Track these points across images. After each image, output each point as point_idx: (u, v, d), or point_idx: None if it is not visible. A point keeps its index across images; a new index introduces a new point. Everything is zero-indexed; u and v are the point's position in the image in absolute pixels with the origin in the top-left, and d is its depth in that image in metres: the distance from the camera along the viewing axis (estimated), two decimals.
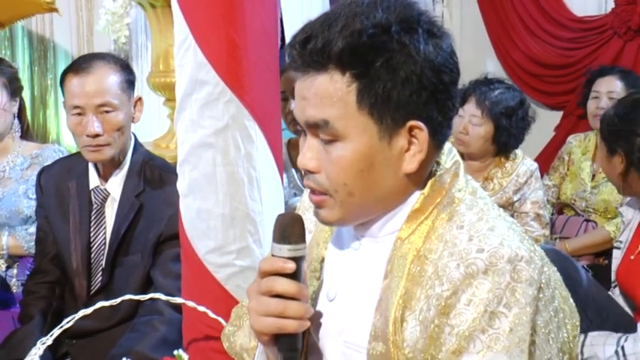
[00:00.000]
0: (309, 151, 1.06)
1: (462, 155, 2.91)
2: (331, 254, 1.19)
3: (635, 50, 4.03)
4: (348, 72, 1.00)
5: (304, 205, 1.29)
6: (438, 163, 1.10)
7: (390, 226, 1.09)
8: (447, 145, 1.12)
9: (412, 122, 1.02)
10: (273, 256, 1.06)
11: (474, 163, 2.89)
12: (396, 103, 1.01)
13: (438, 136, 1.06)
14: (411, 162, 1.04)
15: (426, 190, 1.07)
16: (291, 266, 1.03)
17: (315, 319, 1.15)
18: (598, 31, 4.16)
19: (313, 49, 1.01)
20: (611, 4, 4.12)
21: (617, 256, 2.21)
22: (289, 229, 1.05)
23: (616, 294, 2.17)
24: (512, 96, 2.79)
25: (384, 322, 1.04)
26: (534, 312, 0.97)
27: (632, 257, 2.03)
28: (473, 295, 0.97)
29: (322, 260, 1.19)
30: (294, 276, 1.04)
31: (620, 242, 2.21)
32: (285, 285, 1.03)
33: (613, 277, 2.22)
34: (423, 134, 1.02)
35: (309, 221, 1.19)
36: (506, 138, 2.78)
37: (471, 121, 2.77)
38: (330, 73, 1.01)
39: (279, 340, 1.06)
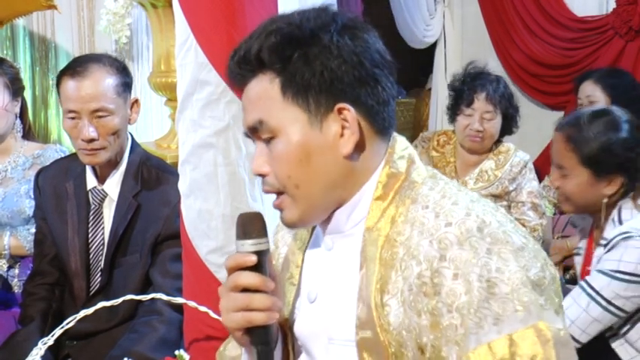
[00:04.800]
0: (259, 157, 1.12)
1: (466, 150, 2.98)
2: (308, 259, 1.22)
3: (636, 50, 4.04)
4: (269, 70, 1.07)
5: (279, 224, 1.31)
6: (390, 152, 1.13)
7: (355, 217, 1.12)
8: (402, 139, 1.16)
9: (339, 105, 1.07)
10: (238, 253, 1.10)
11: (471, 156, 3.01)
12: (318, 89, 1.06)
13: (377, 121, 1.10)
14: (345, 145, 1.08)
15: (383, 177, 1.11)
16: (252, 259, 1.07)
17: (299, 322, 1.19)
18: (599, 31, 4.16)
19: (239, 60, 1.10)
20: (612, 4, 4.12)
21: (578, 261, 2.21)
22: (250, 225, 1.10)
23: None
24: (505, 84, 2.98)
25: (367, 310, 1.06)
26: (526, 267, 0.99)
27: (589, 268, 2.03)
28: (456, 268, 0.98)
29: (298, 266, 1.22)
30: (258, 269, 1.07)
31: (580, 248, 2.22)
32: (248, 278, 1.07)
33: (579, 280, 2.23)
34: (350, 114, 1.07)
35: (288, 236, 1.27)
36: (509, 124, 2.95)
37: (484, 117, 2.89)
38: (258, 77, 1.09)
39: (251, 335, 1.09)
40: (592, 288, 1.89)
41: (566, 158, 2.01)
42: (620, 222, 1.97)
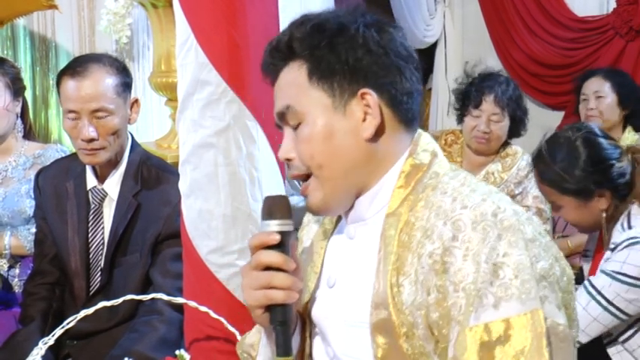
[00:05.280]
0: (287, 143, 1.18)
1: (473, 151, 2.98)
2: (330, 248, 1.25)
3: (637, 50, 4.04)
4: (299, 58, 1.14)
5: (309, 216, 1.35)
6: (414, 146, 1.17)
7: (377, 204, 1.15)
8: (427, 135, 1.20)
9: (362, 90, 1.12)
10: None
11: (478, 158, 2.99)
12: (342, 74, 1.12)
13: (401, 110, 1.14)
14: (367, 128, 1.12)
15: (406, 167, 1.15)
16: (276, 237, 1.10)
17: (316, 306, 1.22)
18: (599, 31, 4.16)
19: (272, 50, 1.18)
20: (613, 4, 4.12)
21: (586, 264, 2.22)
22: (275, 206, 1.13)
23: None
24: (514, 86, 2.95)
25: (383, 290, 1.09)
26: (535, 257, 1.02)
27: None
28: (466, 249, 1.01)
29: (320, 255, 1.25)
30: (281, 248, 1.10)
31: (588, 251, 2.23)
32: (270, 256, 1.10)
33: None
34: (372, 99, 1.12)
35: (312, 230, 1.31)
36: (517, 127, 2.93)
37: (491, 119, 2.87)
38: (289, 65, 1.16)
39: (271, 313, 1.11)
40: (593, 287, 1.89)
41: (548, 194, 2.09)
42: (630, 227, 1.98)
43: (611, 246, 1.97)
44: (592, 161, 1.97)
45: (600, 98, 3.19)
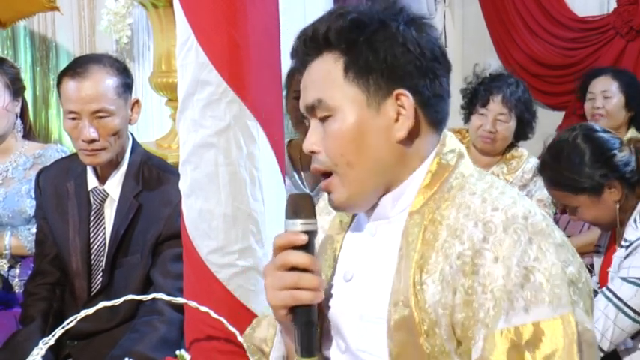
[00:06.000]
0: (312, 135, 1.15)
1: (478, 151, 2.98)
2: (347, 243, 1.24)
3: (637, 50, 4.04)
4: (335, 50, 1.12)
5: (319, 207, 1.33)
6: (441, 146, 1.16)
7: (401, 204, 1.14)
8: (452, 136, 1.19)
9: (397, 90, 1.10)
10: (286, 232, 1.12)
11: (484, 158, 2.98)
12: (380, 72, 1.10)
13: (431, 112, 1.13)
14: (400, 129, 1.11)
15: (434, 167, 1.13)
16: (303, 237, 1.09)
17: (332, 300, 1.20)
18: (600, 31, 4.16)
19: (306, 39, 1.15)
20: (613, 4, 4.12)
21: (597, 260, 2.25)
22: (300, 205, 1.12)
23: None
24: (524, 88, 2.96)
25: (404, 288, 1.08)
26: (565, 262, 1.01)
27: (609, 269, 2.05)
28: (497, 252, 1.00)
29: (336, 250, 1.24)
30: (307, 249, 1.10)
31: (599, 247, 2.26)
32: (298, 257, 1.09)
33: (595, 279, 2.24)
34: (408, 100, 1.10)
35: (324, 221, 1.27)
36: (524, 130, 2.94)
37: (498, 119, 2.87)
38: (323, 56, 1.13)
39: (296, 313, 1.11)
40: (619, 299, 1.90)
41: (561, 198, 2.13)
42: None
43: (624, 243, 1.98)
44: (596, 155, 2.01)
45: (607, 98, 3.19)
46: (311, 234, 1.11)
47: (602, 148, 2.03)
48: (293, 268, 1.09)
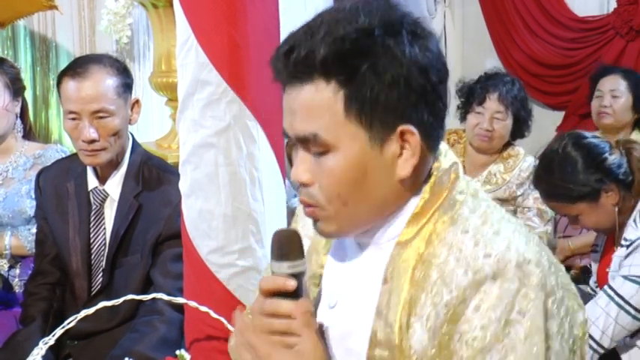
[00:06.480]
0: (302, 164, 1.04)
1: (474, 149, 2.98)
2: (332, 262, 1.17)
3: (637, 51, 4.03)
4: (333, 80, 0.99)
5: (297, 211, 1.28)
6: (437, 166, 1.08)
7: (392, 232, 1.08)
8: (444, 146, 1.10)
9: (403, 127, 1.00)
10: (273, 273, 1.04)
11: (481, 156, 3.00)
12: (384, 107, 0.99)
13: (431, 139, 1.04)
14: (404, 167, 1.02)
15: (427, 194, 1.06)
16: (292, 284, 1.02)
17: (320, 326, 1.14)
18: (600, 31, 4.16)
19: (297, 60, 1.00)
20: (613, 4, 4.12)
21: (595, 259, 2.26)
22: (287, 246, 1.04)
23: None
24: (520, 86, 2.96)
25: (387, 328, 1.03)
26: (547, 317, 0.97)
27: (608, 269, 2.05)
28: (481, 300, 0.96)
29: (322, 267, 1.18)
30: (296, 292, 1.03)
31: (596, 246, 2.27)
32: (288, 307, 1.02)
33: (594, 279, 2.25)
34: (414, 138, 1.01)
35: (308, 228, 1.16)
36: (521, 128, 2.95)
37: (495, 117, 2.88)
38: (316, 83, 1.00)
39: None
40: (620, 297, 1.90)
41: (560, 209, 2.16)
42: None
43: (624, 242, 1.99)
44: (588, 161, 2.03)
45: (616, 97, 3.18)
46: (299, 275, 1.03)
47: (593, 153, 2.04)
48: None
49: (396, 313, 1.02)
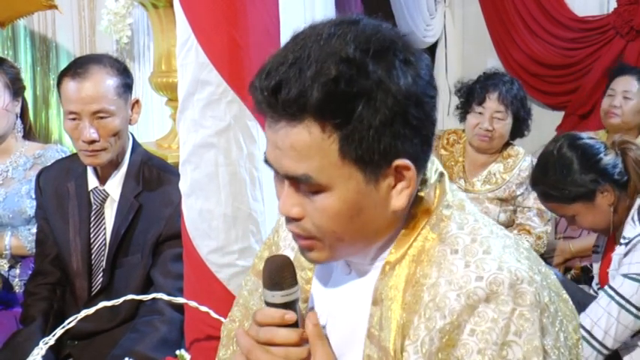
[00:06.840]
0: (290, 199, 1.00)
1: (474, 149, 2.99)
2: (320, 277, 1.16)
3: (638, 50, 4.04)
4: (327, 123, 0.93)
5: (279, 221, 1.25)
6: (424, 181, 1.06)
7: (380, 252, 1.07)
8: (433, 162, 1.09)
9: (398, 162, 0.97)
10: (266, 303, 1.03)
11: (481, 156, 3.01)
12: (381, 146, 0.95)
13: (423, 166, 1.02)
14: (399, 198, 1.00)
15: (414, 212, 1.05)
16: (290, 317, 1.01)
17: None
18: (600, 31, 4.16)
19: (287, 100, 0.93)
20: (613, 4, 4.12)
21: (596, 259, 2.27)
22: (279, 274, 1.01)
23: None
24: (519, 86, 2.97)
25: (382, 354, 1.02)
26: (543, 333, 0.96)
27: (609, 270, 2.06)
28: (476, 324, 0.95)
29: (309, 282, 1.17)
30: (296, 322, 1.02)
31: (597, 247, 2.28)
32: (286, 335, 1.01)
33: (596, 280, 2.25)
34: (410, 172, 0.98)
35: (290, 239, 1.14)
36: (520, 127, 2.96)
37: (495, 117, 2.89)
38: (307, 125, 0.94)
39: None
40: (621, 296, 1.91)
41: (557, 210, 2.17)
42: None
43: (623, 240, 1.99)
44: (584, 162, 2.04)
45: (627, 99, 3.17)
46: (293, 303, 1.02)
47: (588, 154, 2.05)
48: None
49: (390, 339, 1.01)
